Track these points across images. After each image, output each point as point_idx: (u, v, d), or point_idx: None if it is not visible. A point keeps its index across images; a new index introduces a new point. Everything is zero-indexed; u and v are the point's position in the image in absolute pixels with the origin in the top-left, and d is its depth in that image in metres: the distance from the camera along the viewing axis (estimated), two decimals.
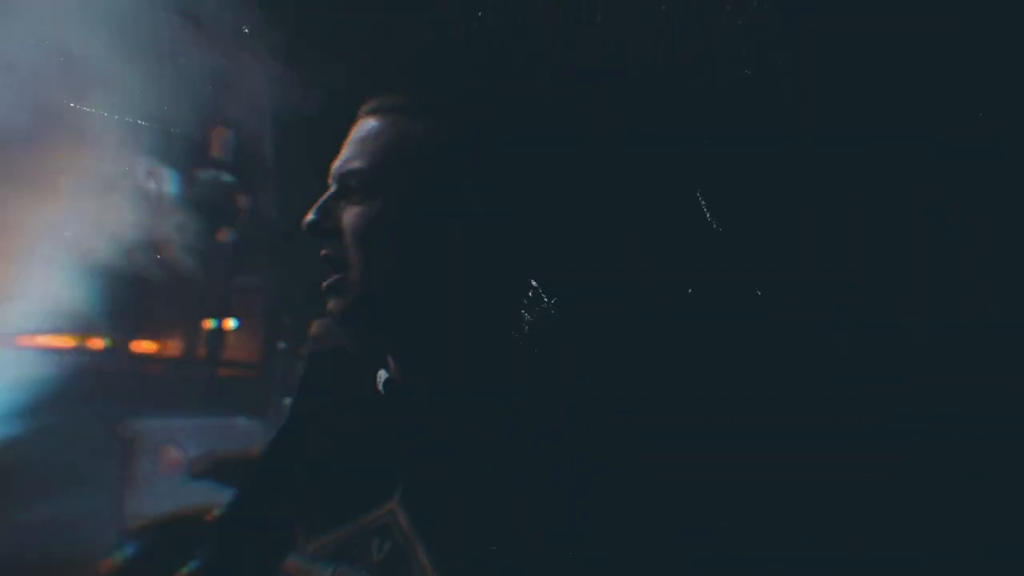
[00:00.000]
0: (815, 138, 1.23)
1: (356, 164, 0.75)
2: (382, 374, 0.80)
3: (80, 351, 3.29)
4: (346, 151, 0.77)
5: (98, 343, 3.61)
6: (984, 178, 1.16)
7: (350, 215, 0.74)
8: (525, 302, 0.78)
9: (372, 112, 0.78)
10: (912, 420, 1.11)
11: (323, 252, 0.76)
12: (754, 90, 1.25)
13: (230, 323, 3.57)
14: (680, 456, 0.68)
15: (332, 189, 0.77)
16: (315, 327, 1.33)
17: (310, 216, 0.76)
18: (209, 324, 3.60)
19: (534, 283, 0.79)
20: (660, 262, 1.25)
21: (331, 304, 0.75)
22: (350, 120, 0.82)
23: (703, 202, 1.19)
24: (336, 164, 0.77)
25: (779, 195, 1.23)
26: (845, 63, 1.21)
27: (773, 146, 1.24)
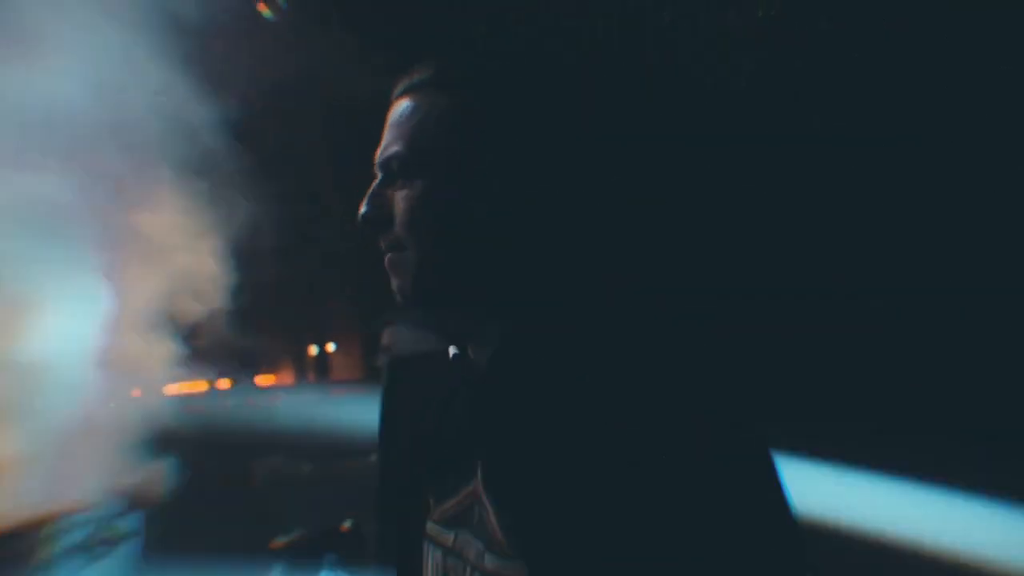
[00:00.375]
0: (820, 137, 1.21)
1: (395, 148, 0.73)
2: (452, 350, 0.83)
3: (213, 392, 3.67)
4: (385, 137, 0.76)
5: (226, 383, 4.03)
6: (982, 177, 1.14)
7: (398, 201, 0.73)
8: (572, 275, 0.74)
9: (404, 93, 0.76)
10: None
11: (381, 242, 0.77)
12: (763, 90, 1.26)
13: (331, 346, 3.88)
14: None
15: (378, 178, 0.76)
16: (386, 337, 1.56)
17: (362, 208, 0.76)
18: (313, 350, 3.94)
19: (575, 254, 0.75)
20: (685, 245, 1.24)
21: (394, 284, 0.75)
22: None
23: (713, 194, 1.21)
24: (378, 152, 0.76)
25: (782, 193, 1.22)
26: (849, 63, 1.19)
27: (781, 145, 1.21)
